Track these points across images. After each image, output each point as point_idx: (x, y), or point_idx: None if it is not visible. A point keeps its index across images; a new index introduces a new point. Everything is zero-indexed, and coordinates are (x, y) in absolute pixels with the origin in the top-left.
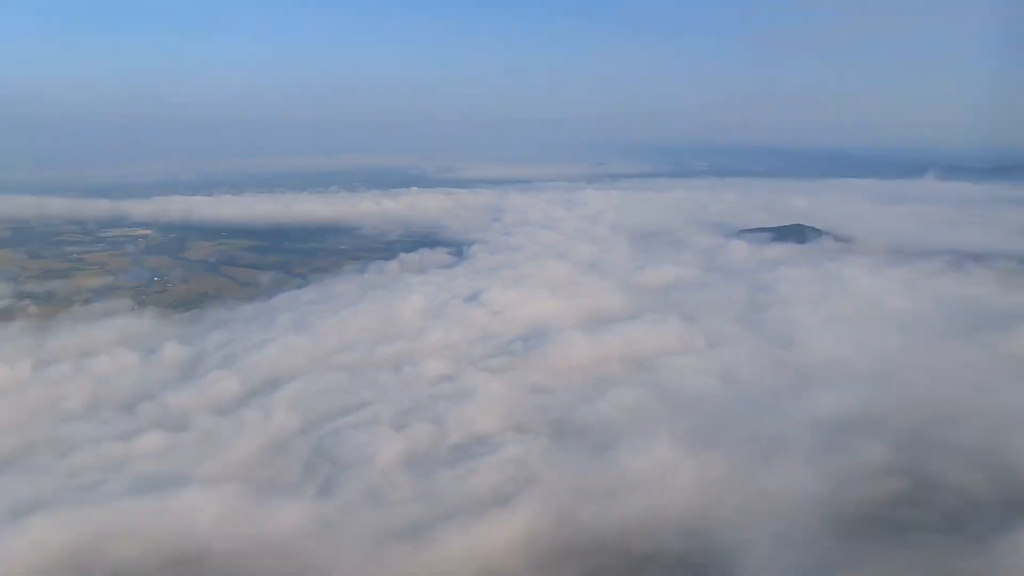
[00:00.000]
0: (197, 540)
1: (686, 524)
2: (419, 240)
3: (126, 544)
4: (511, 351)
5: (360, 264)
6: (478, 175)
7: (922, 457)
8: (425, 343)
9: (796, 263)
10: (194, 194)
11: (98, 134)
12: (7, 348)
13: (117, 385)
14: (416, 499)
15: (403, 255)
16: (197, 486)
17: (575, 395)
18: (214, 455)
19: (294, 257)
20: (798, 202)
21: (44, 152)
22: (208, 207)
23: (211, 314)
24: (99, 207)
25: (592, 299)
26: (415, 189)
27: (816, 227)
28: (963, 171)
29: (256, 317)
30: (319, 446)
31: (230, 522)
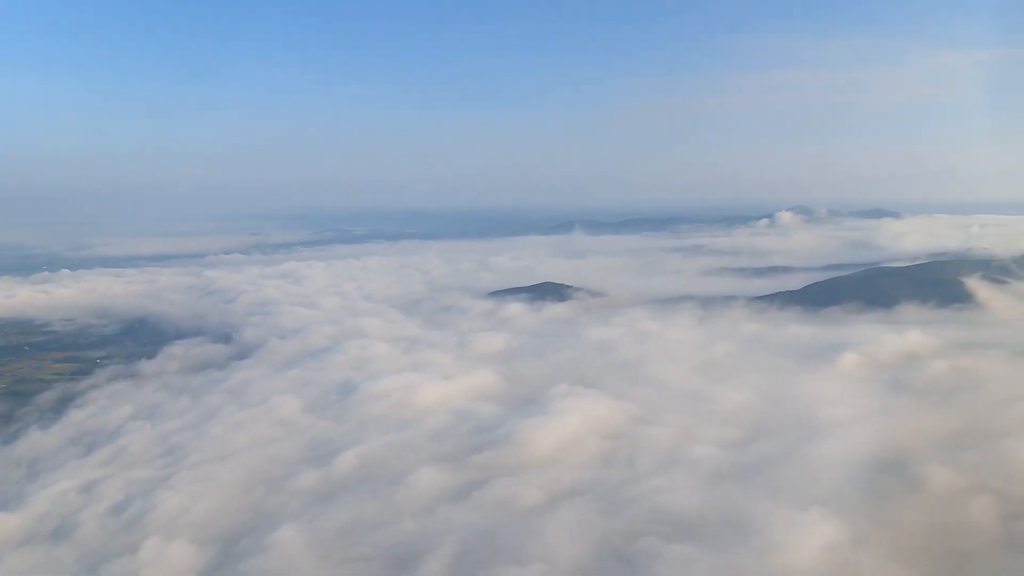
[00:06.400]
0: None
1: None
2: (148, 332)
3: None
4: (480, 444)
5: (81, 367)
6: (126, 252)
7: None
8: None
9: (596, 322)
10: None
11: None
12: None
13: None
14: None
15: (168, 350)
16: None
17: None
18: None
19: None
20: (502, 261)
21: None
22: None
23: None
24: None
25: (469, 378)
26: (65, 271)
27: (566, 284)
28: (599, 226)
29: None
30: None
31: None
